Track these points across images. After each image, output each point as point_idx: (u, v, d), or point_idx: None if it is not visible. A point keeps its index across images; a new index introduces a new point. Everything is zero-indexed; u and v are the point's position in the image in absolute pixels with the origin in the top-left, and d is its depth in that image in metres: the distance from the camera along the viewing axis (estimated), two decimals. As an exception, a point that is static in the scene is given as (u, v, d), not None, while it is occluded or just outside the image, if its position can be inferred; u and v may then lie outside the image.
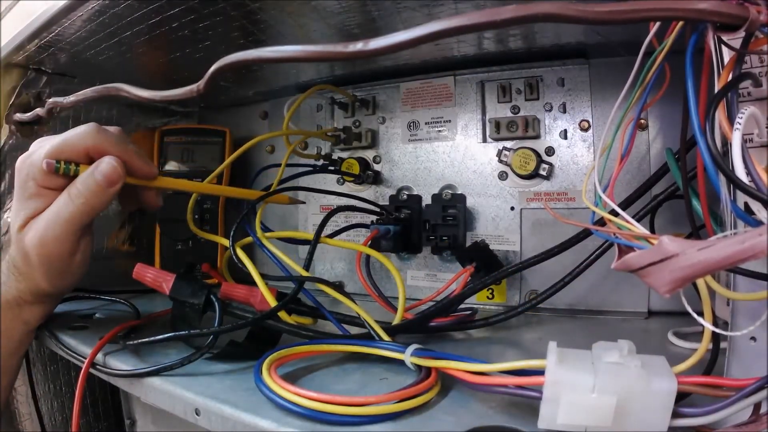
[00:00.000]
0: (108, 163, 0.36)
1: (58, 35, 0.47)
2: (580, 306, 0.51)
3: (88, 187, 0.36)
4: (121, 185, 0.37)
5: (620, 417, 0.22)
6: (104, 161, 0.36)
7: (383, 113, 0.62)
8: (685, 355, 0.25)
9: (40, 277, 0.39)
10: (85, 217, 0.37)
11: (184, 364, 0.34)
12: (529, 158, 0.52)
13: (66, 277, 0.40)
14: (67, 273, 0.39)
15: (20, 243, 0.38)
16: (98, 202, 0.36)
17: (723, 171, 0.20)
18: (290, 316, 0.42)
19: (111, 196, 0.37)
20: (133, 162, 0.38)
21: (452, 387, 0.31)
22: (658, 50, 0.28)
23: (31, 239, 0.37)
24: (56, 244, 0.37)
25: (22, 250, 0.38)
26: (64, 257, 0.38)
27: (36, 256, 0.37)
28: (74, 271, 0.40)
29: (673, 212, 0.43)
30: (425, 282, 0.59)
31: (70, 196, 0.36)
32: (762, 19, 0.20)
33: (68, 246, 0.38)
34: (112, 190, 0.36)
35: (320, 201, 0.65)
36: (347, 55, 0.22)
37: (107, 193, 0.36)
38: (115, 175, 0.36)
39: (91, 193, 0.36)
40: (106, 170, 0.36)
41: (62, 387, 0.63)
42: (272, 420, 0.27)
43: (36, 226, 0.37)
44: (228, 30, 0.46)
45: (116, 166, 0.36)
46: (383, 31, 0.23)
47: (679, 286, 0.19)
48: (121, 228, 0.67)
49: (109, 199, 0.37)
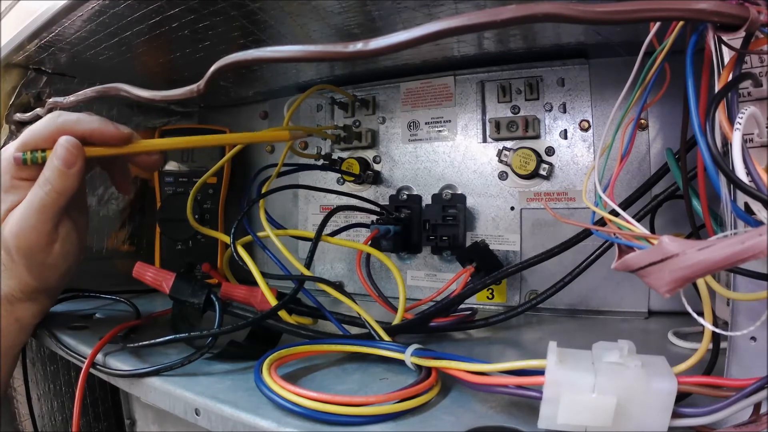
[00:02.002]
0: (61, 145, 0.35)
1: (58, 35, 0.47)
2: (580, 306, 0.51)
3: (52, 173, 0.36)
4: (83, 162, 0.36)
5: (620, 417, 0.22)
6: (58, 143, 0.36)
7: (383, 113, 0.62)
8: (685, 355, 0.25)
9: (24, 270, 0.38)
10: (56, 203, 0.36)
11: (184, 364, 0.34)
12: (529, 158, 0.52)
13: (49, 270, 0.39)
14: (48, 264, 0.39)
15: (2, 237, 0.37)
16: (64, 185, 0.36)
17: (723, 171, 0.20)
18: (290, 316, 0.42)
19: (77, 176, 0.36)
20: (103, 132, 0.37)
21: (452, 387, 0.31)
22: (658, 50, 0.28)
23: (9, 231, 0.37)
24: (32, 233, 0.37)
25: (4, 245, 0.38)
26: (43, 247, 0.38)
27: (15, 248, 0.37)
28: (56, 262, 0.39)
29: (673, 212, 0.43)
30: (425, 282, 0.59)
31: (39, 184, 0.36)
32: (762, 19, 0.20)
33: (45, 235, 0.37)
34: (75, 170, 0.36)
35: (320, 201, 0.65)
36: (347, 55, 0.22)
37: (71, 175, 0.36)
38: (69, 156, 0.35)
39: (56, 178, 0.36)
40: (60, 153, 0.35)
41: (62, 387, 0.63)
42: (272, 420, 0.27)
43: (12, 219, 0.37)
44: (228, 30, 0.46)
45: (68, 147, 0.35)
46: (383, 31, 0.23)
47: (679, 286, 0.19)
48: (121, 228, 0.67)
49: (76, 179, 0.36)
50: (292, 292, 0.41)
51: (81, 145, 0.36)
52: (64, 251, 0.39)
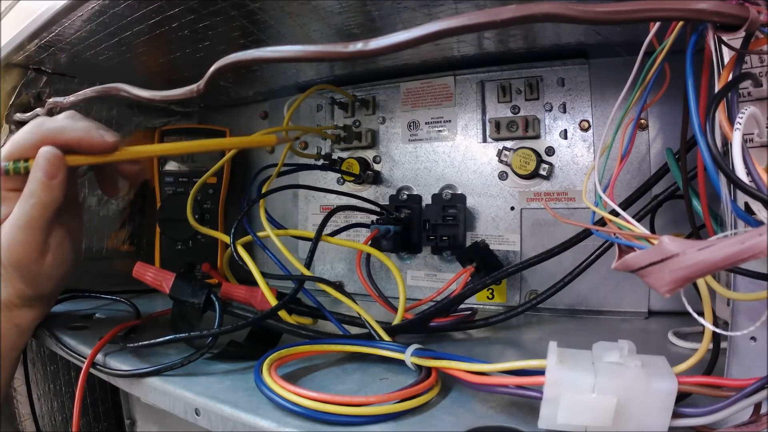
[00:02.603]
0: (42, 157, 0.35)
1: (58, 35, 0.47)
2: (580, 306, 0.51)
3: (36, 185, 0.35)
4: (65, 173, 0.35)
5: (620, 417, 0.22)
6: (39, 155, 0.35)
7: (383, 113, 0.62)
8: (685, 355, 0.25)
9: (18, 280, 0.38)
10: (42, 216, 0.36)
11: (185, 364, 0.34)
12: (529, 158, 0.52)
13: (43, 279, 0.39)
14: (42, 275, 0.38)
15: None
16: (49, 197, 0.35)
17: (723, 171, 0.20)
18: (290, 316, 0.42)
19: (60, 186, 0.35)
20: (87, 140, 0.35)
21: (452, 387, 0.31)
22: (658, 50, 0.28)
23: None
24: (20, 248, 0.36)
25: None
26: (34, 260, 0.37)
27: (6, 261, 0.37)
28: (50, 272, 0.38)
29: (673, 212, 0.43)
30: (425, 282, 0.59)
31: (23, 198, 0.35)
32: (762, 19, 0.20)
33: (34, 249, 0.37)
34: (57, 181, 0.35)
35: (320, 201, 0.65)
36: (347, 55, 0.22)
37: (54, 186, 0.35)
38: (50, 167, 0.35)
39: (40, 191, 0.35)
40: (41, 165, 0.35)
41: (62, 387, 0.63)
42: (272, 420, 0.27)
43: (2, 233, 0.36)
44: (228, 30, 0.46)
45: (49, 158, 0.35)
46: (383, 31, 0.23)
47: (679, 286, 0.19)
48: (121, 228, 0.67)
49: (60, 190, 0.36)
50: (292, 292, 0.41)
51: (62, 155, 0.35)
52: (57, 260, 0.39)
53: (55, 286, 0.40)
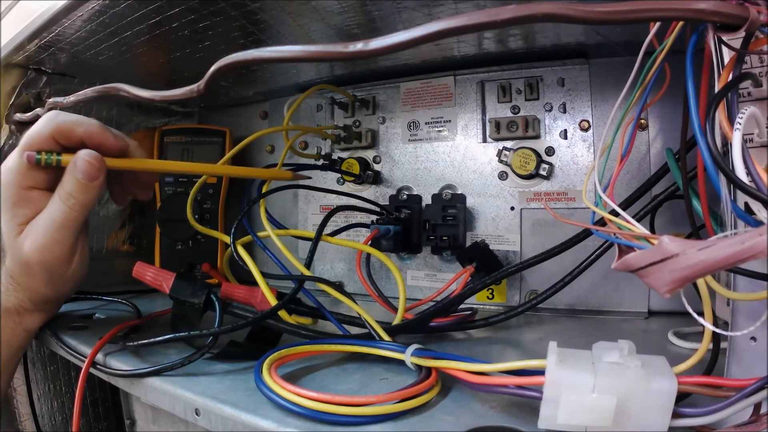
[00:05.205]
0: (82, 159, 0.35)
1: (58, 35, 0.47)
2: (580, 306, 0.51)
3: (74, 187, 0.36)
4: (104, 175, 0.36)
5: (620, 417, 0.22)
6: (78, 157, 0.35)
7: (383, 113, 0.62)
8: (685, 355, 0.25)
9: (42, 284, 0.38)
10: (80, 217, 0.37)
11: (185, 364, 0.34)
12: (529, 158, 0.52)
13: (67, 281, 0.40)
14: (67, 276, 0.39)
15: (18, 252, 0.37)
16: (88, 198, 0.36)
17: (723, 171, 0.20)
18: (290, 316, 0.42)
19: (98, 189, 0.36)
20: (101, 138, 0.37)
21: (452, 387, 0.31)
22: (658, 50, 0.28)
23: (30, 246, 0.36)
24: (57, 248, 0.37)
25: (21, 259, 0.37)
26: (66, 260, 0.38)
27: (37, 263, 0.37)
28: (74, 274, 0.39)
29: (673, 212, 0.43)
30: (425, 282, 0.59)
31: (61, 198, 0.36)
32: (762, 19, 0.20)
33: (69, 249, 0.38)
34: (96, 183, 0.36)
35: (320, 201, 0.65)
36: (347, 55, 0.22)
37: (93, 188, 0.36)
38: (92, 170, 0.36)
39: (79, 192, 0.36)
40: (82, 167, 0.35)
41: (62, 387, 0.63)
42: (272, 420, 0.27)
43: (34, 233, 0.36)
44: (228, 30, 0.46)
45: (90, 161, 0.35)
46: (383, 31, 0.23)
47: (679, 286, 0.19)
48: (121, 228, 0.67)
49: (97, 192, 0.36)
50: (292, 292, 0.41)
51: (102, 158, 0.36)
52: (82, 261, 0.40)
53: (72, 288, 0.41)
